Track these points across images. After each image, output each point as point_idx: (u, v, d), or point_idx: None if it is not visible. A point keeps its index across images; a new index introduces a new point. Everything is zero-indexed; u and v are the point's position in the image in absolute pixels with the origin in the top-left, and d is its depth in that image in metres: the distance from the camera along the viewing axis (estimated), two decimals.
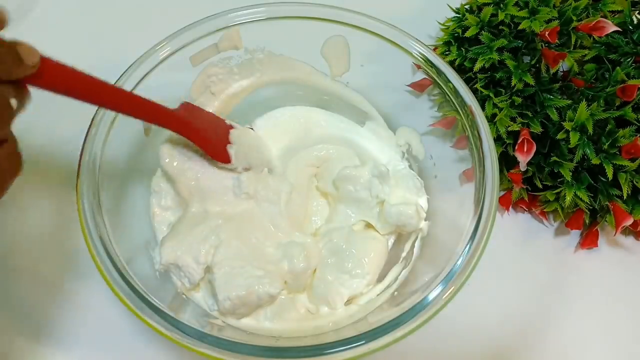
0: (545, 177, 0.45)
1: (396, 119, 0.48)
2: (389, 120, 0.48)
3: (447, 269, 0.34)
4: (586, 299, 0.45)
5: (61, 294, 0.43)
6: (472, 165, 0.39)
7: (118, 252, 0.34)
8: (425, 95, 0.45)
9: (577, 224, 0.45)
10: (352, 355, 0.31)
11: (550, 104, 0.43)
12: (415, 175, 0.45)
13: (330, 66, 0.47)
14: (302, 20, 0.43)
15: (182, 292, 0.39)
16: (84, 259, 0.34)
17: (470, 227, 0.36)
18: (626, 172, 0.42)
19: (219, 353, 0.31)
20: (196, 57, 0.43)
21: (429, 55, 0.42)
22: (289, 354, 0.31)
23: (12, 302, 0.43)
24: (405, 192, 0.44)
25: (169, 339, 0.31)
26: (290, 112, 0.49)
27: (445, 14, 0.53)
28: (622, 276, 0.46)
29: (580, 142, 0.42)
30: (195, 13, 0.43)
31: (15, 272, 0.44)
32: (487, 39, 0.47)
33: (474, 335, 0.43)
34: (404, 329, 0.32)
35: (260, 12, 0.43)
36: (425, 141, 0.46)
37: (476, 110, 0.39)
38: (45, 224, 0.46)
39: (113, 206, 0.37)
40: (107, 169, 0.37)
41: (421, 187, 0.44)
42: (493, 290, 0.44)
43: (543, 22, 0.45)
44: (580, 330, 0.44)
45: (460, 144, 0.41)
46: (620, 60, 0.45)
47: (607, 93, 0.43)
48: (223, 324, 0.38)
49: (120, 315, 0.42)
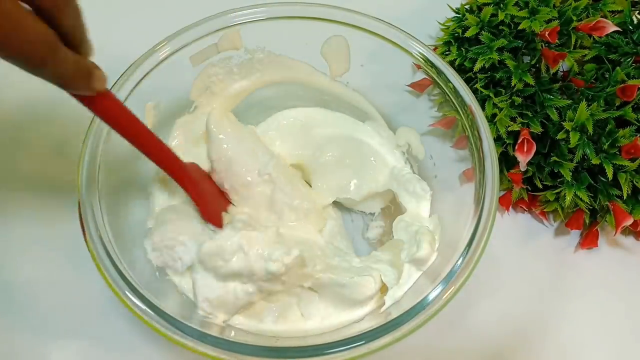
0: (545, 177, 0.45)
1: (396, 119, 0.48)
2: (389, 120, 0.48)
3: (447, 269, 0.34)
4: (586, 299, 0.45)
5: (61, 294, 0.43)
6: (472, 165, 0.39)
7: (118, 252, 0.34)
8: (425, 95, 0.45)
9: (577, 224, 0.45)
10: (352, 355, 0.31)
11: (550, 104, 0.43)
12: (419, 179, 0.45)
13: (330, 66, 0.47)
14: (302, 20, 0.43)
15: (181, 288, 0.39)
16: (84, 259, 0.34)
17: (470, 227, 0.36)
18: (626, 172, 0.42)
19: (219, 353, 0.31)
20: (196, 57, 0.43)
21: (429, 55, 0.42)
22: (289, 354, 0.31)
23: (12, 302, 0.43)
24: (410, 203, 0.44)
25: (169, 339, 0.31)
26: (297, 114, 0.49)
27: (445, 14, 0.53)
28: (622, 276, 0.46)
29: (580, 142, 0.42)
30: (195, 13, 0.43)
31: (15, 271, 0.44)
32: (487, 39, 0.47)
33: (474, 335, 0.43)
34: (404, 329, 0.32)
35: (260, 12, 0.43)
36: (425, 141, 0.46)
37: (476, 110, 0.39)
38: (45, 224, 0.46)
39: (113, 206, 0.37)
40: (107, 168, 0.37)
41: (425, 194, 0.44)
42: (493, 290, 0.44)
43: (543, 22, 0.45)
44: (580, 330, 0.44)
45: (460, 144, 0.41)
46: (620, 60, 0.45)
47: (607, 93, 0.43)
48: (223, 324, 0.38)
49: (120, 315, 0.42)
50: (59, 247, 0.45)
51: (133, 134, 0.35)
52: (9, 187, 0.48)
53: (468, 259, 0.34)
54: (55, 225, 0.46)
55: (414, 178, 0.45)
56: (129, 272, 0.34)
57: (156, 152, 0.37)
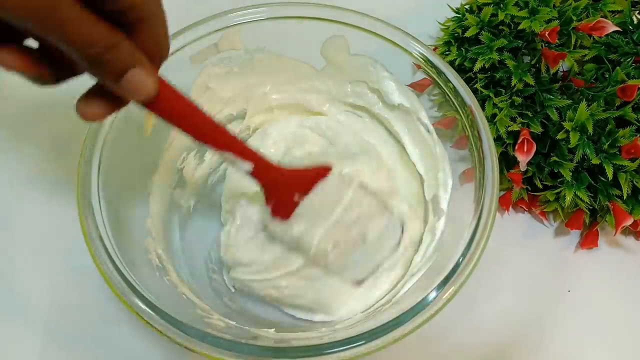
0: (545, 177, 0.45)
1: None
2: None
3: (447, 269, 0.34)
4: (586, 299, 0.45)
5: (60, 294, 0.43)
6: (472, 165, 0.39)
7: (118, 252, 0.34)
8: (425, 95, 0.45)
9: (577, 224, 0.45)
10: (352, 355, 0.31)
11: (550, 104, 0.43)
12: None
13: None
14: (302, 20, 0.43)
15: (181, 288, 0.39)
16: (84, 259, 0.34)
17: (470, 227, 0.36)
18: (626, 172, 0.42)
19: (219, 353, 0.31)
20: (196, 57, 0.43)
21: (429, 55, 0.42)
22: (289, 354, 0.31)
23: (11, 302, 0.43)
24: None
25: (169, 339, 0.31)
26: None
27: (445, 14, 0.53)
28: (622, 276, 0.46)
29: (580, 142, 0.42)
30: (195, 13, 0.43)
31: (15, 271, 0.44)
32: (487, 39, 0.47)
33: (474, 335, 0.43)
34: (404, 329, 0.32)
35: (260, 12, 0.43)
36: None
37: (476, 110, 0.39)
38: (45, 224, 0.46)
39: (113, 206, 0.37)
40: (107, 168, 0.37)
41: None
42: (493, 290, 0.44)
43: (543, 22, 0.45)
44: (580, 330, 0.44)
45: (460, 144, 0.41)
46: (620, 60, 0.45)
47: (607, 93, 0.43)
48: (223, 324, 0.38)
49: (120, 314, 0.42)
50: (59, 247, 0.45)
51: (203, 131, 0.32)
52: (9, 187, 0.48)
53: (468, 259, 0.34)
54: (55, 225, 0.46)
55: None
56: (129, 272, 0.34)
57: (225, 145, 0.34)
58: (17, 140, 0.50)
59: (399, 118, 0.45)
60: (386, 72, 0.44)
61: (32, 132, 0.51)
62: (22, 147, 0.50)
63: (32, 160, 0.49)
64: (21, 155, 0.50)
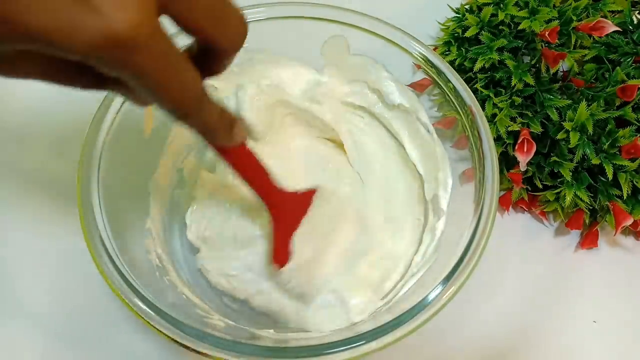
0: (545, 177, 0.45)
1: None
2: None
3: (447, 269, 0.34)
4: (586, 299, 0.45)
5: (60, 294, 0.43)
6: (472, 165, 0.39)
7: (118, 252, 0.34)
8: (425, 95, 0.45)
9: (577, 224, 0.45)
10: (352, 355, 0.31)
11: (550, 104, 0.43)
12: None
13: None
14: (302, 20, 0.43)
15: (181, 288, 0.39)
16: (84, 259, 0.34)
17: (470, 227, 0.36)
18: (626, 172, 0.42)
19: (219, 353, 0.31)
20: None
21: (429, 55, 0.42)
22: (289, 354, 0.31)
23: (11, 302, 0.43)
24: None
25: (169, 339, 0.31)
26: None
27: (445, 14, 0.53)
28: (622, 276, 0.46)
29: (580, 142, 0.42)
30: None
31: (15, 272, 0.44)
32: (487, 39, 0.47)
33: (474, 335, 0.43)
34: (404, 329, 0.32)
35: (260, 12, 0.43)
36: None
37: (476, 110, 0.39)
38: (45, 224, 0.46)
39: (113, 206, 0.37)
40: (108, 168, 0.37)
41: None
42: (493, 290, 0.44)
43: (543, 22, 0.45)
44: (580, 330, 0.44)
45: (460, 144, 0.41)
46: (620, 60, 0.45)
47: (607, 93, 0.43)
48: (223, 324, 0.38)
49: (120, 314, 0.42)
50: (59, 247, 0.45)
51: (257, 185, 0.35)
52: (9, 187, 0.48)
53: (468, 259, 0.34)
54: (55, 225, 0.46)
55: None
56: (129, 272, 0.34)
57: (269, 198, 0.37)
58: (17, 140, 0.50)
59: (399, 118, 0.45)
60: (386, 72, 0.44)
61: (32, 132, 0.51)
62: (22, 147, 0.50)
63: (32, 160, 0.49)
64: (21, 155, 0.50)
